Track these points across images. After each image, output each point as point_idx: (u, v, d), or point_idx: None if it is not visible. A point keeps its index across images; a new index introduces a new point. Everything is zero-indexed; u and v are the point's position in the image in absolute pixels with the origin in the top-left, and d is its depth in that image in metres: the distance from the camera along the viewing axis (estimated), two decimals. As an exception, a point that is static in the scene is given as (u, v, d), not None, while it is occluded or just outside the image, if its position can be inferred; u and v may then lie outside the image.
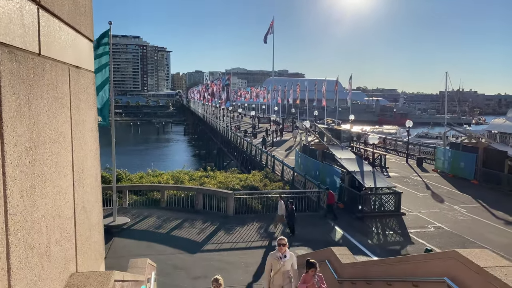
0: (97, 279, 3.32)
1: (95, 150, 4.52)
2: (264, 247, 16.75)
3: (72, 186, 3.47)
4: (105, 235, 15.89)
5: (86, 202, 4.03)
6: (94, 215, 4.42)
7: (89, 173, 4.17)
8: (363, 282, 6.44)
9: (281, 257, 7.80)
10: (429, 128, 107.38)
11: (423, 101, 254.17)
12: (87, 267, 3.97)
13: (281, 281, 7.78)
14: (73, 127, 3.50)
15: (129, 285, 4.74)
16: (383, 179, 22.86)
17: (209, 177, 26.69)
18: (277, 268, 7.74)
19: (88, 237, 4.09)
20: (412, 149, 41.19)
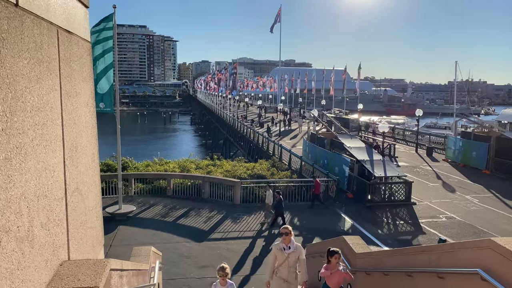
0: (90, 267, 2.96)
1: (92, 127, 4.14)
2: (272, 236, 16.41)
3: (62, 164, 3.09)
4: (111, 223, 15.74)
5: (81, 184, 3.66)
6: (91, 199, 4.05)
7: (84, 152, 3.78)
8: (380, 273, 6.04)
9: (285, 248, 7.18)
10: (437, 118, 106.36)
11: (431, 91, 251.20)
12: (83, 255, 3.62)
13: (285, 274, 7.16)
14: (63, 97, 3.11)
15: (129, 275, 4.39)
16: (393, 168, 22.37)
17: (215, 165, 26.34)
18: (281, 260, 7.16)
19: (84, 222, 3.73)
20: (421, 139, 40.54)
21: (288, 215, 18.87)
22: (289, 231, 7.22)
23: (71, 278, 2.79)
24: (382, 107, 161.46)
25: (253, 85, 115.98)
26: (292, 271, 7.15)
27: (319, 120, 32.15)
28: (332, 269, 6.40)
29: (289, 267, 7.09)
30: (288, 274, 7.14)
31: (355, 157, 22.55)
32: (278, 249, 7.23)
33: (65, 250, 3.11)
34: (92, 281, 2.76)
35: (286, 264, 7.07)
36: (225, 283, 7.11)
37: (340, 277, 6.43)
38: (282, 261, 7.12)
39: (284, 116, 60.00)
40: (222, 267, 7.17)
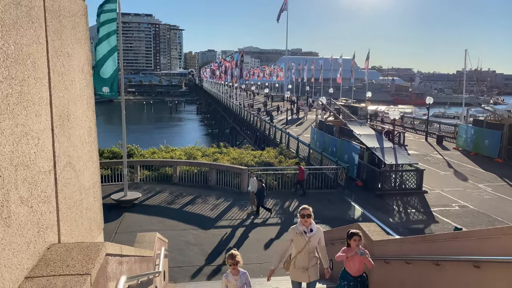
0: (83, 252, 2.54)
1: (88, 98, 3.70)
2: (279, 224, 16.04)
3: (50, 132, 2.66)
4: (116, 210, 15.39)
5: (75, 159, 3.23)
6: (87, 177, 3.63)
7: (78, 123, 3.35)
8: (401, 262, 5.60)
9: (305, 231, 6.13)
10: (446, 108, 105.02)
11: (439, 80, 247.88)
12: (77, 238, 3.21)
13: (306, 262, 6.14)
14: (51, 55, 2.66)
15: (131, 261, 3.99)
16: (404, 155, 21.81)
17: (222, 153, 25.95)
18: (301, 246, 6.10)
19: (78, 201, 3.31)
20: (430, 128, 39.81)
21: (297, 202, 18.48)
22: (310, 212, 6.20)
23: (58, 263, 2.38)
24: (389, 96, 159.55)
25: (259, 74, 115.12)
26: (313, 256, 6.23)
27: (327, 107, 31.56)
28: (350, 253, 5.65)
29: (309, 252, 6.17)
30: (309, 261, 6.20)
31: (365, 144, 22.04)
32: (298, 233, 6.17)
33: (54, 232, 2.70)
34: (83, 267, 2.35)
35: (306, 249, 6.12)
36: (237, 273, 6.05)
37: (361, 263, 5.67)
38: (302, 247, 6.12)
39: (291, 105, 59.31)
40: (231, 254, 6.05)
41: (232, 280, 6.02)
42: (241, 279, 6.02)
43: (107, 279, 2.81)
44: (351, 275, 5.76)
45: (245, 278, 6.09)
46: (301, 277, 6.26)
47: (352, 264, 5.72)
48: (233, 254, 6.10)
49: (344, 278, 5.86)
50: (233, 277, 6.03)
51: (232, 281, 6.03)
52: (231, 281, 6.03)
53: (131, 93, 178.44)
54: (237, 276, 6.02)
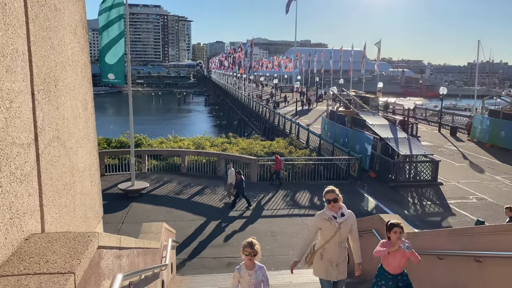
0: (68, 243, 2.05)
1: (82, 66, 3.19)
2: (291, 215, 15.55)
3: (29, 96, 2.15)
4: (123, 200, 14.97)
5: (65, 134, 2.74)
6: (82, 157, 3.13)
7: (69, 92, 2.84)
8: (432, 256, 5.05)
9: (335, 216, 5.09)
10: (457, 100, 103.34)
11: (450, 72, 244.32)
12: (68, 227, 2.72)
13: (336, 254, 5.12)
14: (30, 1, 2.13)
15: (133, 255, 3.51)
16: (419, 146, 21.12)
17: (231, 143, 25.45)
18: (330, 234, 5.08)
19: (70, 184, 2.81)
20: (442, 119, 38.90)
21: (308, 193, 18.00)
22: (337, 195, 5.15)
23: (35, 258, 1.89)
24: (399, 88, 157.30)
25: (268, 65, 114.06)
26: (343, 247, 5.20)
27: (339, 97, 30.86)
28: (391, 247, 4.68)
29: (340, 242, 5.13)
30: (339, 253, 5.16)
31: (378, 134, 21.38)
32: (326, 219, 5.13)
33: (35, 219, 2.21)
34: (66, 263, 1.86)
35: (336, 238, 5.09)
36: (252, 266, 4.91)
37: (403, 259, 4.71)
38: (331, 235, 5.08)
39: (301, 96, 58.56)
40: (250, 242, 4.88)
41: (246, 276, 4.86)
42: (257, 274, 4.86)
43: (100, 276, 2.32)
44: (391, 273, 4.84)
45: (262, 273, 4.93)
46: (328, 274, 5.21)
47: (392, 260, 4.79)
48: (252, 242, 4.88)
49: (382, 276, 4.90)
50: (247, 271, 4.87)
51: (245, 276, 4.87)
52: (244, 276, 4.87)
53: (139, 85, 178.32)
54: (252, 271, 4.86)
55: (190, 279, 9.51)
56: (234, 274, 5.01)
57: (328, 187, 5.30)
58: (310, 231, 5.39)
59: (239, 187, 15.78)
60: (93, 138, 3.51)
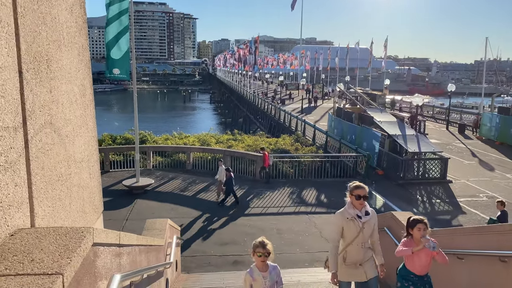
0: (58, 240, 1.81)
1: (81, 48, 2.94)
2: (297, 213, 15.28)
3: (15, 74, 1.91)
4: (127, 197, 14.75)
5: (60, 120, 2.50)
6: (79, 146, 2.89)
7: (65, 75, 2.60)
8: (451, 256, 4.80)
9: (359, 215, 4.71)
10: (464, 98, 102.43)
11: (456, 70, 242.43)
12: (63, 222, 2.48)
13: (360, 256, 4.72)
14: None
15: (135, 252, 3.27)
16: (427, 143, 20.76)
17: (236, 140, 25.22)
18: (353, 235, 4.69)
19: (65, 176, 2.58)
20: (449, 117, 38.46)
21: (314, 191, 17.73)
22: (367, 192, 4.77)
23: (19, 257, 1.66)
24: (405, 86, 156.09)
25: (273, 63, 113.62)
26: (367, 247, 4.79)
27: (346, 93, 30.51)
28: (415, 246, 4.22)
29: (363, 243, 4.73)
30: (364, 254, 4.75)
31: (386, 131, 21.06)
32: (349, 218, 4.70)
33: (23, 212, 1.97)
34: (54, 263, 1.63)
35: (359, 239, 4.70)
36: (266, 267, 4.43)
37: (428, 257, 4.27)
38: (354, 236, 4.69)
39: (307, 94, 58.22)
40: (262, 242, 4.39)
41: (259, 278, 4.34)
42: (271, 275, 4.40)
43: (95, 277, 2.08)
44: (416, 274, 4.37)
45: (276, 274, 4.47)
46: (354, 275, 4.78)
47: (417, 260, 4.32)
48: (264, 242, 4.39)
49: (407, 278, 4.44)
50: (261, 273, 4.35)
51: (259, 279, 4.34)
52: (258, 279, 4.35)
53: (145, 82, 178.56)
54: (265, 273, 4.36)
55: (196, 277, 9.29)
56: (245, 278, 4.41)
57: (355, 182, 4.89)
58: (334, 232, 4.85)
59: (229, 184, 15.40)
60: (92, 127, 3.28)
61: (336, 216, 4.89)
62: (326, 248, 12.24)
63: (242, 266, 10.90)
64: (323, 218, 14.71)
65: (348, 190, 4.86)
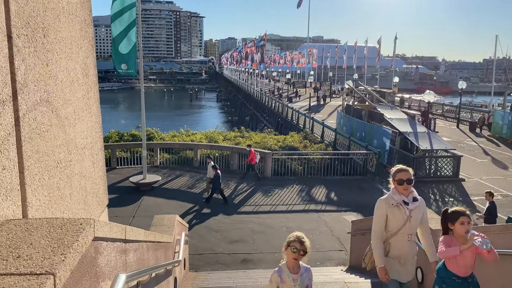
0: (52, 233, 1.52)
1: (83, 22, 2.66)
2: (307, 211, 14.96)
3: (4, 38, 1.62)
4: (135, 194, 14.50)
5: (58, 99, 2.22)
6: (81, 131, 2.61)
7: (64, 50, 2.32)
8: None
9: (406, 202, 4.12)
10: (473, 97, 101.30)
11: (465, 69, 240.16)
12: (61, 214, 2.20)
13: (405, 249, 4.15)
14: None
15: (142, 249, 2.98)
16: (439, 140, 20.35)
17: (244, 137, 24.95)
18: (399, 224, 4.10)
19: (65, 162, 2.30)
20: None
21: (324, 189, 17.40)
22: (411, 175, 4.24)
23: (3, 252, 1.37)
24: (413, 85, 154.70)
25: (280, 61, 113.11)
26: (413, 240, 4.22)
27: (355, 90, 30.11)
28: (461, 244, 3.53)
29: (409, 234, 4.14)
30: (409, 248, 4.18)
31: (396, 128, 20.66)
32: (394, 205, 4.13)
33: (12, 200, 1.69)
34: (44, 260, 1.33)
35: (406, 229, 4.09)
36: (298, 269, 3.72)
37: (473, 256, 3.63)
38: (399, 226, 4.09)
39: (315, 92, 57.79)
40: (299, 237, 3.67)
41: (289, 280, 3.65)
42: (303, 278, 3.72)
43: (97, 277, 1.79)
44: (459, 276, 3.70)
45: (308, 277, 3.78)
46: (396, 273, 4.17)
47: (461, 259, 3.63)
48: (302, 237, 3.66)
49: (447, 281, 3.76)
50: (292, 275, 3.65)
51: (288, 281, 3.65)
52: (287, 281, 3.65)
53: (152, 81, 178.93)
54: (296, 275, 3.67)
55: (204, 275, 9.02)
56: (272, 278, 3.73)
57: (398, 165, 4.44)
58: (377, 222, 4.22)
59: (215, 182, 15.00)
60: (96, 112, 3.00)
61: (379, 203, 4.31)
62: (338, 246, 12.03)
63: (251, 265, 10.63)
64: (333, 216, 14.40)
65: (390, 176, 4.37)
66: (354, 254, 10.37)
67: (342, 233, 12.55)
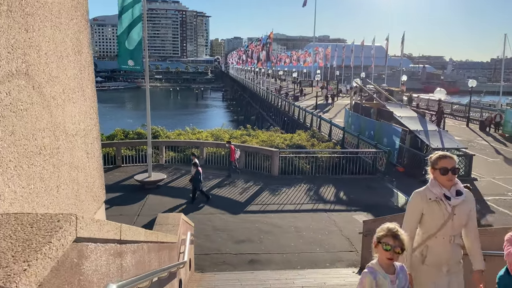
0: (17, 233, 1.17)
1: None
2: (316, 210, 14.57)
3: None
4: (139, 192, 14.16)
5: (41, 73, 1.88)
6: (71, 116, 2.27)
7: (49, 17, 1.98)
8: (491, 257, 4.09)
9: (447, 196, 3.41)
10: (481, 96, 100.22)
11: (472, 68, 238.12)
12: (48, 210, 1.85)
13: (447, 254, 3.42)
14: None
15: (142, 250, 2.63)
16: (451, 139, 19.86)
17: (250, 135, 24.58)
18: (438, 224, 3.40)
19: (51, 149, 1.96)
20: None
21: (332, 188, 17.00)
22: (455, 162, 3.48)
23: None
24: (419, 84, 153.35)
25: (285, 60, 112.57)
26: (457, 243, 3.47)
27: (364, 88, 29.66)
28: None
29: (452, 236, 3.42)
30: (452, 253, 3.44)
31: (406, 127, 20.20)
32: (432, 199, 3.43)
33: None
34: (2, 270, 0.98)
35: (448, 230, 3.39)
36: (393, 269, 2.99)
37: None
38: (439, 225, 3.39)
39: (321, 89, 57.37)
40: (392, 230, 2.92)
41: (385, 283, 2.93)
42: (399, 278, 3.01)
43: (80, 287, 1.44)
44: None
45: (405, 277, 3.06)
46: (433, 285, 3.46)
47: None
48: (397, 231, 2.90)
49: None
50: (388, 275, 2.95)
51: (384, 284, 2.93)
52: (383, 284, 2.94)
53: (158, 80, 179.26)
54: (393, 275, 2.97)
55: (211, 276, 8.68)
56: (364, 280, 2.95)
57: (439, 152, 3.63)
58: (409, 220, 3.53)
59: (195, 180, 14.58)
60: (91, 96, 2.66)
61: (414, 197, 3.56)
62: (348, 247, 11.62)
63: (259, 265, 10.28)
64: (342, 216, 14.01)
65: (429, 165, 3.59)
66: (366, 255, 9.98)
67: (352, 233, 12.17)
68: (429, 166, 3.59)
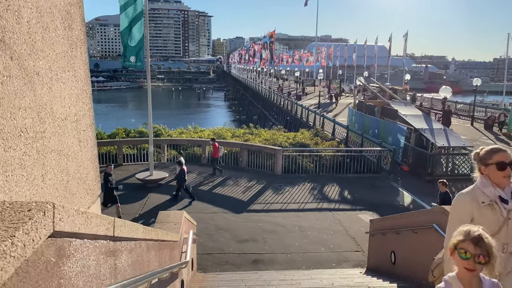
0: None
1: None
2: (320, 209, 14.30)
3: None
4: (141, 190, 13.89)
5: (20, 42, 1.62)
6: (61, 98, 2.01)
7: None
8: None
9: (503, 198, 2.90)
10: (484, 96, 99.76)
11: (475, 68, 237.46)
12: (29, 200, 1.59)
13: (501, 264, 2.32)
14: None
15: (141, 249, 2.37)
16: (457, 137, 19.55)
17: (253, 134, 24.32)
18: (492, 230, 2.61)
19: (34, 132, 1.70)
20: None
21: (337, 187, 16.75)
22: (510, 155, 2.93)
23: None
24: (422, 84, 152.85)
25: (288, 59, 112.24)
26: (509, 252, 2.92)
27: (367, 86, 29.37)
28: None
29: (506, 244, 2.88)
30: (506, 263, 2.84)
31: (412, 125, 19.92)
32: (485, 203, 2.92)
33: None
34: None
35: (502, 237, 2.83)
36: (478, 283, 2.20)
37: None
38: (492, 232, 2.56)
39: (323, 88, 57.12)
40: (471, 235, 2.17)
41: None
42: None
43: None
44: None
45: None
46: None
47: None
48: (480, 234, 2.17)
49: None
50: None
51: None
52: None
53: (160, 80, 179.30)
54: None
55: (213, 277, 8.42)
56: None
57: (488, 146, 3.10)
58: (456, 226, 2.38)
59: (179, 179, 14.31)
60: (84, 78, 2.40)
61: (461, 199, 3.02)
62: (354, 247, 11.35)
63: (263, 265, 10.03)
64: (347, 215, 13.74)
65: (477, 160, 3.08)
66: (373, 255, 9.72)
67: (358, 232, 11.91)
68: (477, 163, 3.08)
